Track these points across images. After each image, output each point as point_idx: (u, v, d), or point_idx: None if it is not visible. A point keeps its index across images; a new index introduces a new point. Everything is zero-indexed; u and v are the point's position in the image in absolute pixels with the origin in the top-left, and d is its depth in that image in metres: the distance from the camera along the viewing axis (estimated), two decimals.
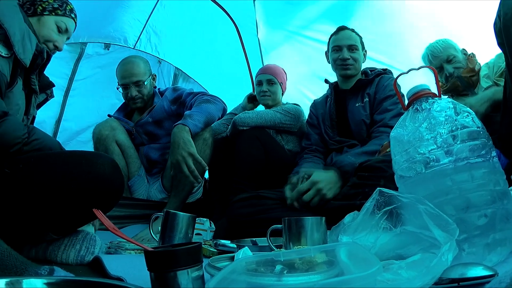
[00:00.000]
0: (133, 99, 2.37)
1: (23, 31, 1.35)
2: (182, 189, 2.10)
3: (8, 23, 1.29)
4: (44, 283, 0.69)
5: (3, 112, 1.21)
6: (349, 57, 2.16)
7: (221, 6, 3.54)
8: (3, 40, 1.29)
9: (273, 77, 2.53)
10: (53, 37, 1.58)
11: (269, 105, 2.54)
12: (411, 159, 0.92)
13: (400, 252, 0.81)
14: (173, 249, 0.72)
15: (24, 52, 1.33)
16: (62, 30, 1.61)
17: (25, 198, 1.16)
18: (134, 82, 2.35)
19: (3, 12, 1.31)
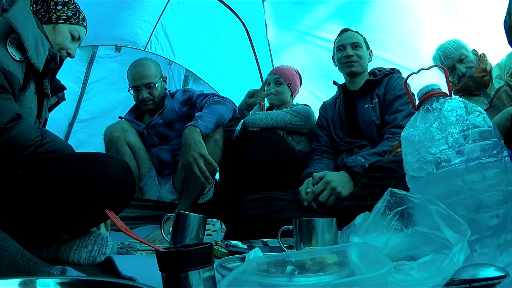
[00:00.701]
0: (144, 101, 2.39)
1: (36, 36, 1.37)
2: (193, 190, 2.11)
3: (22, 28, 1.31)
4: (57, 282, 0.70)
5: (17, 115, 1.23)
6: (353, 54, 2.17)
7: (230, 8, 3.55)
8: (17, 45, 1.31)
9: (279, 76, 2.55)
10: (67, 45, 1.61)
11: (275, 105, 2.56)
12: (422, 159, 0.92)
13: (412, 253, 0.80)
14: (185, 249, 0.72)
15: (37, 56, 1.35)
16: (75, 38, 1.64)
17: (37, 199, 1.17)
18: (145, 84, 2.36)
19: (17, 17, 1.33)
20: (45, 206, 1.18)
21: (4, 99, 1.23)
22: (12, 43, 1.30)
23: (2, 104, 1.22)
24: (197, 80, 3.95)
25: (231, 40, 3.74)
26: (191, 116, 2.19)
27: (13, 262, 0.90)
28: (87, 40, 3.45)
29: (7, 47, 1.28)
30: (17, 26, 1.30)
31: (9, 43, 1.30)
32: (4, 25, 1.30)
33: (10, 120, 1.21)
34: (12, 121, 1.21)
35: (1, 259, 0.89)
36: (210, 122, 2.05)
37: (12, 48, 1.30)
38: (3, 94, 1.23)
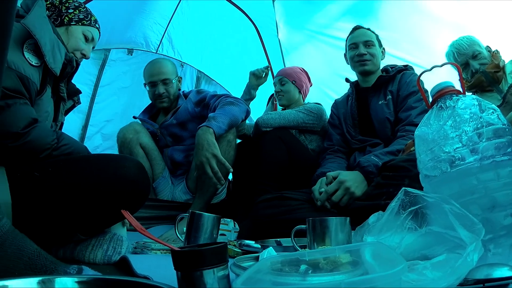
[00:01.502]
0: (160, 97, 2.42)
1: (53, 41, 1.39)
2: (207, 190, 2.13)
3: (39, 34, 1.33)
4: (75, 281, 0.70)
5: (33, 120, 1.25)
6: (365, 52, 2.16)
7: (241, 8, 3.56)
8: (33, 50, 1.33)
9: (282, 77, 2.59)
10: (80, 46, 1.62)
11: (285, 104, 2.57)
12: (436, 158, 0.91)
13: (426, 253, 0.80)
14: (200, 248, 0.73)
15: (54, 61, 1.37)
16: (89, 39, 1.66)
17: (54, 200, 1.19)
18: (162, 80, 2.41)
19: (34, 23, 1.34)
20: (61, 207, 1.20)
21: (21, 104, 1.25)
22: (29, 48, 1.32)
23: (18, 109, 1.23)
24: (209, 81, 3.98)
25: (242, 41, 3.76)
26: (204, 117, 2.21)
27: (31, 262, 0.92)
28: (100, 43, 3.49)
29: (23, 53, 1.30)
30: (34, 31, 1.32)
31: (25, 48, 1.32)
32: (21, 30, 1.32)
33: (27, 125, 1.22)
34: (28, 126, 1.23)
35: (18, 259, 0.91)
36: (224, 122, 2.06)
37: (28, 53, 1.32)
38: (20, 99, 1.25)
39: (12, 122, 1.20)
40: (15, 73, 1.25)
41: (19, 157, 1.23)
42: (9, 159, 1.21)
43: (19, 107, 1.23)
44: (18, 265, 0.90)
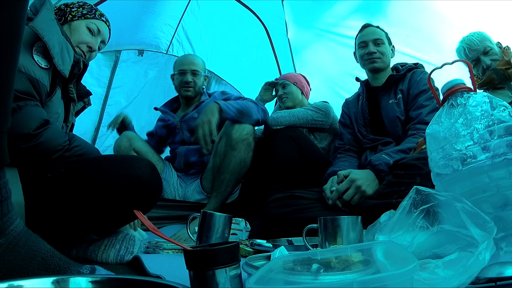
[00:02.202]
0: (187, 84, 2.51)
1: (61, 43, 1.40)
2: (224, 190, 2.15)
3: (47, 36, 1.34)
4: (89, 281, 0.72)
5: (45, 121, 1.27)
6: (375, 50, 2.16)
7: (250, 8, 3.56)
8: (42, 52, 1.34)
9: (284, 80, 2.68)
10: (85, 39, 1.62)
11: (290, 106, 2.59)
12: (448, 156, 0.90)
13: (437, 252, 0.79)
14: (212, 248, 0.74)
15: (63, 63, 1.38)
16: (94, 32, 1.66)
17: (66, 201, 1.20)
18: (192, 70, 2.52)
19: (42, 26, 1.35)
20: (74, 207, 1.21)
21: (32, 106, 1.26)
22: (38, 51, 1.34)
23: (30, 111, 1.25)
24: (219, 80, 3.99)
25: (251, 41, 3.76)
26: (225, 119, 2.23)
27: (44, 262, 0.93)
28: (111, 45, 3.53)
29: (33, 55, 1.32)
30: (42, 34, 1.33)
31: (35, 51, 1.33)
32: (29, 33, 1.33)
33: (39, 126, 1.24)
34: (40, 127, 1.24)
35: (32, 259, 0.92)
36: (233, 106, 2.14)
37: (38, 56, 1.33)
38: (31, 101, 1.27)
39: (23, 123, 1.21)
40: (25, 76, 1.26)
41: (31, 158, 1.24)
42: (22, 160, 1.22)
43: (30, 108, 1.25)
44: (31, 265, 0.91)
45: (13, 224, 0.92)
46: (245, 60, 3.80)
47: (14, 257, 0.90)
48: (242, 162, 2.15)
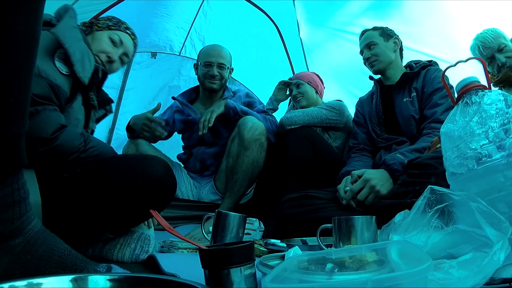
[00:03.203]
0: (212, 77, 2.44)
1: (82, 51, 1.42)
2: (238, 190, 2.16)
3: (68, 43, 1.36)
4: (107, 279, 0.73)
5: (62, 125, 1.29)
6: (369, 55, 2.20)
7: (261, 9, 3.57)
8: (64, 59, 1.36)
9: (298, 80, 2.67)
10: (106, 48, 1.64)
11: (305, 106, 2.58)
12: (463, 155, 0.90)
13: (452, 252, 0.79)
14: (227, 247, 0.75)
15: (83, 70, 1.40)
16: (116, 42, 1.67)
17: (83, 201, 1.22)
18: (218, 63, 2.46)
19: (64, 33, 1.37)
20: (90, 207, 1.23)
21: (50, 111, 1.28)
22: (60, 57, 1.36)
23: (48, 115, 1.27)
24: (232, 81, 4.00)
25: (263, 41, 3.76)
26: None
27: (61, 261, 0.95)
28: None
29: (54, 61, 1.34)
30: (64, 41, 1.35)
31: (56, 57, 1.35)
32: (51, 40, 1.36)
33: (55, 130, 1.26)
34: (56, 131, 1.26)
35: (49, 258, 0.94)
36: (239, 107, 2.25)
37: (59, 62, 1.35)
38: (49, 105, 1.29)
39: (41, 127, 1.23)
40: (45, 81, 1.28)
41: (48, 160, 1.26)
42: (39, 162, 1.24)
43: (48, 113, 1.27)
44: (49, 263, 0.93)
45: (31, 223, 0.94)
46: (258, 60, 3.81)
47: (32, 256, 0.92)
48: (255, 162, 2.15)
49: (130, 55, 1.75)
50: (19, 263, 0.91)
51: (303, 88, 2.62)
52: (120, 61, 1.71)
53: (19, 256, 0.91)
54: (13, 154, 0.89)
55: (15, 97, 0.84)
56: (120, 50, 1.69)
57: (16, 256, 0.91)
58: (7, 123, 0.86)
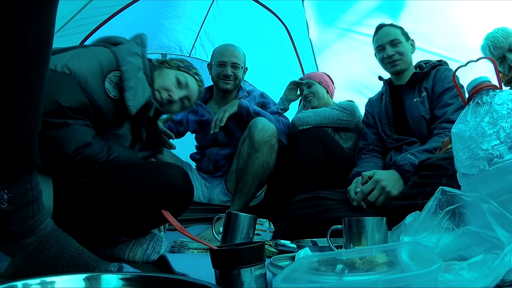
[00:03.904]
0: (226, 77, 2.41)
1: (138, 80, 1.38)
2: (247, 192, 2.15)
3: (125, 67, 1.34)
4: (120, 278, 0.74)
5: (87, 144, 1.26)
6: (393, 52, 2.12)
7: (270, 9, 3.57)
8: (116, 82, 1.34)
9: (308, 80, 2.65)
10: (169, 86, 1.59)
11: (316, 106, 2.57)
12: (474, 155, 0.89)
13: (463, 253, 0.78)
14: (238, 247, 0.76)
15: (133, 100, 1.36)
16: (182, 83, 1.63)
17: (101, 205, 1.23)
18: (232, 63, 2.42)
19: (124, 55, 1.36)
20: (108, 211, 1.24)
21: (80, 126, 1.26)
22: (112, 79, 1.34)
23: (76, 130, 1.25)
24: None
25: (273, 42, 3.76)
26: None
27: (73, 260, 0.96)
28: None
29: (104, 82, 1.32)
30: (122, 63, 1.34)
31: (108, 78, 1.33)
32: (109, 59, 1.35)
33: (79, 147, 1.24)
34: (80, 148, 1.24)
35: (61, 257, 0.95)
36: (252, 107, 2.24)
37: (110, 84, 1.33)
38: (81, 120, 1.27)
39: (66, 142, 1.22)
40: (87, 97, 1.27)
41: (67, 171, 1.26)
42: (59, 169, 1.25)
43: (77, 128, 1.25)
44: (61, 262, 0.95)
45: (43, 223, 0.96)
46: (268, 61, 3.81)
47: (44, 255, 0.94)
48: (265, 164, 2.14)
49: (192, 100, 1.70)
50: (32, 261, 0.93)
51: (314, 88, 2.61)
52: (181, 104, 1.66)
53: (32, 255, 0.93)
54: (26, 155, 0.91)
55: (28, 99, 0.86)
56: (183, 92, 1.65)
57: (29, 255, 0.93)
58: (21, 124, 0.87)
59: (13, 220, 0.91)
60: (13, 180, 0.90)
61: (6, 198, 0.89)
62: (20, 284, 0.66)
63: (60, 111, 1.21)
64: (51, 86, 1.22)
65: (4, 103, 0.83)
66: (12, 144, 0.87)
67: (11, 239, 0.93)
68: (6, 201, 0.89)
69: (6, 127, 0.85)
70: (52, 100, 1.19)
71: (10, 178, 0.90)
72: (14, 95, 0.84)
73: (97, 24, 3.07)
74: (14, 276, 0.92)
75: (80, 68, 1.29)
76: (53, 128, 1.20)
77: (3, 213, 0.90)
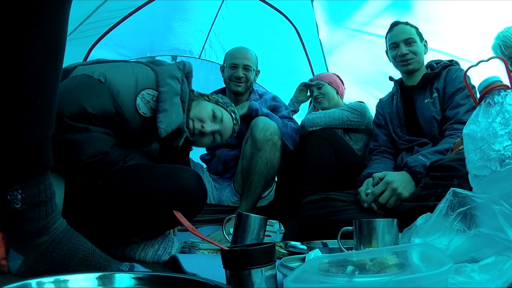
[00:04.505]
0: (238, 79, 2.43)
1: (174, 104, 1.39)
2: (254, 192, 2.15)
3: (164, 88, 1.35)
4: (132, 277, 0.75)
5: (103, 152, 1.27)
6: (407, 51, 2.10)
7: (280, 11, 3.57)
8: (149, 101, 1.35)
9: (319, 81, 2.65)
10: (204, 117, 1.60)
11: (326, 107, 2.57)
12: (485, 156, 0.88)
13: (474, 255, 0.78)
14: (249, 248, 0.76)
15: (165, 122, 1.36)
16: (217, 117, 1.64)
17: (115, 208, 1.25)
18: (244, 65, 2.44)
19: (164, 77, 1.37)
20: (122, 213, 1.25)
21: (100, 133, 1.27)
22: (144, 96, 1.35)
23: (94, 138, 1.25)
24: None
25: (282, 43, 3.77)
26: None
27: (85, 259, 0.98)
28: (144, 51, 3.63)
29: (136, 97, 1.33)
30: (161, 84, 1.34)
31: (141, 95, 1.34)
32: (147, 77, 1.36)
33: (94, 155, 1.24)
34: (96, 156, 1.25)
35: (74, 256, 0.97)
36: (263, 110, 2.24)
37: (141, 100, 1.34)
38: (103, 128, 1.28)
39: (82, 148, 1.22)
40: (116, 108, 1.29)
41: (83, 173, 1.27)
42: (73, 173, 1.27)
43: (97, 135, 1.26)
44: (73, 261, 0.97)
45: (56, 223, 0.98)
46: (278, 62, 3.81)
47: (57, 254, 0.96)
48: (269, 163, 2.13)
49: (224, 136, 1.71)
50: (44, 260, 0.95)
51: (324, 89, 2.60)
52: (212, 138, 1.67)
53: (44, 254, 0.95)
54: (40, 156, 0.93)
55: (42, 101, 0.88)
56: (217, 126, 1.66)
57: (42, 254, 0.95)
58: (35, 126, 0.89)
59: (26, 219, 0.93)
60: (27, 180, 0.92)
61: (20, 198, 0.91)
62: (34, 282, 0.68)
63: (84, 116, 1.22)
64: (82, 91, 1.24)
65: (18, 105, 0.85)
66: (25, 145, 0.89)
67: (25, 238, 0.95)
68: (20, 201, 0.91)
69: (19, 129, 0.87)
70: (79, 104, 1.21)
71: (24, 178, 0.92)
72: (27, 97, 0.85)
73: (108, 27, 3.11)
74: (26, 274, 0.94)
75: (116, 79, 1.31)
76: (74, 131, 1.21)
77: (17, 212, 0.92)
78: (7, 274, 0.97)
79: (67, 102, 1.20)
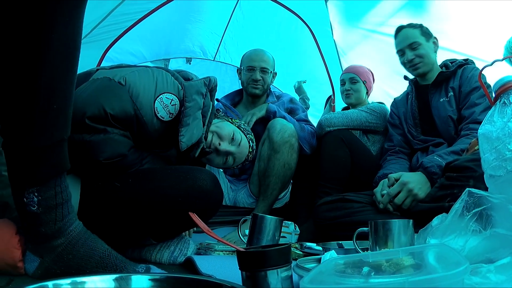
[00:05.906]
0: (255, 82, 2.42)
1: (196, 118, 1.41)
2: (271, 193, 2.15)
3: (190, 103, 1.37)
4: (149, 279, 0.76)
5: (120, 155, 1.27)
6: (413, 56, 2.07)
7: (294, 12, 3.57)
8: (169, 105, 1.36)
9: (355, 75, 2.55)
10: (224, 135, 1.62)
11: (353, 104, 2.53)
12: (501, 156, 0.88)
13: (490, 256, 0.77)
14: (265, 249, 0.77)
15: (186, 136, 1.38)
16: (235, 140, 1.65)
17: (133, 209, 1.26)
18: (261, 67, 2.43)
19: (192, 93, 1.39)
20: (138, 215, 1.26)
21: (118, 135, 1.28)
22: (164, 100, 1.36)
23: (112, 140, 1.25)
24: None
25: (297, 43, 3.77)
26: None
27: (102, 261, 1.00)
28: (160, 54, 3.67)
29: (155, 101, 1.34)
30: (188, 99, 1.37)
31: (159, 98, 1.35)
32: (166, 81, 1.38)
33: (110, 157, 1.24)
34: (113, 158, 1.25)
35: (90, 258, 0.99)
36: (281, 113, 2.23)
37: (160, 104, 1.35)
38: (121, 130, 1.29)
39: (99, 150, 1.23)
40: (135, 110, 1.31)
41: (100, 175, 1.29)
42: (90, 174, 1.28)
43: (115, 137, 1.27)
44: (89, 263, 0.99)
45: (72, 225, 1.00)
46: (293, 63, 3.81)
47: (73, 256, 0.98)
48: (286, 165, 2.14)
49: (236, 161, 1.72)
50: (61, 262, 0.97)
51: (357, 86, 2.53)
52: (224, 159, 1.67)
53: (61, 256, 0.97)
54: (56, 158, 0.95)
55: (58, 104, 0.89)
56: (233, 148, 1.67)
57: (58, 256, 0.97)
58: (51, 129, 0.91)
59: (43, 221, 0.95)
60: (43, 183, 0.94)
61: (36, 201, 0.93)
62: (51, 284, 0.68)
63: (103, 117, 1.23)
64: (103, 92, 1.26)
65: (34, 108, 0.86)
66: (42, 148, 0.90)
67: (41, 240, 0.97)
68: (36, 204, 0.93)
69: (36, 132, 0.88)
70: (99, 105, 1.22)
71: (40, 181, 0.93)
72: (43, 100, 0.87)
73: (123, 30, 3.15)
74: (43, 276, 0.96)
75: (136, 82, 1.33)
76: (92, 132, 1.22)
77: (34, 215, 0.94)
78: (23, 276, 0.99)
79: (87, 104, 1.22)
